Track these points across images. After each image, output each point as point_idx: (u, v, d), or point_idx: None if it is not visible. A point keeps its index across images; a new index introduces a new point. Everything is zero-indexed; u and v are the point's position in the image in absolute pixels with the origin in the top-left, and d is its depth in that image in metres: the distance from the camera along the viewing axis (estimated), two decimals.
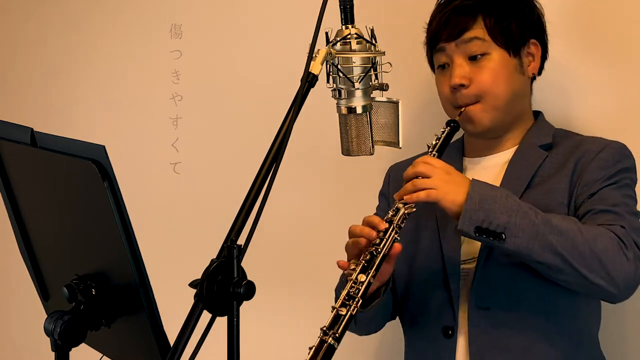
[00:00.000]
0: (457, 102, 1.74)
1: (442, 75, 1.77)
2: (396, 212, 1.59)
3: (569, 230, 1.53)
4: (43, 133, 1.36)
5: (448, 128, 1.70)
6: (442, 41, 1.74)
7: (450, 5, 1.75)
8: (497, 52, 1.72)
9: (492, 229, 1.52)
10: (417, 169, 1.60)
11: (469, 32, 1.72)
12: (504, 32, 1.72)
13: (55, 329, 1.31)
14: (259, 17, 2.45)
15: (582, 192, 1.64)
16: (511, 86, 1.73)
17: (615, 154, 1.68)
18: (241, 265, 1.18)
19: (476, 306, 1.67)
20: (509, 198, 1.56)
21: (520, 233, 1.52)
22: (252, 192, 1.24)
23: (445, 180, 1.57)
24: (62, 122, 2.73)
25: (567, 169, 1.68)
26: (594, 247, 1.52)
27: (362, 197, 2.00)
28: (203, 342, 1.16)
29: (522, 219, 1.53)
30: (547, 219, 1.54)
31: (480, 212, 1.53)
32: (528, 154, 1.74)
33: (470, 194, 1.54)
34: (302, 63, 1.33)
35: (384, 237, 1.57)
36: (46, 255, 1.52)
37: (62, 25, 2.78)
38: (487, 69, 1.71)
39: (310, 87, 1.33)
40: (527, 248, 1.53)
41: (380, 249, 1.56)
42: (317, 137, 2.18)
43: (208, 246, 1.33)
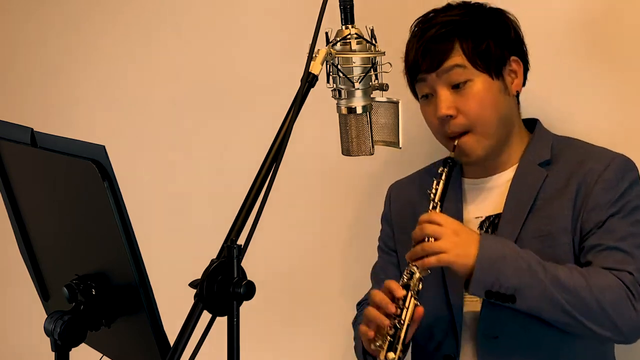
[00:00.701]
0: (446, 133, 1.71)
1: (427, 105, 1.75)
2: (411, 276, 1.59)
3: (577, 287, 1.54)
4: (43, 133, 1.36)
5: (446, 169, 1.68)
6: (423, 72, 1.71)
7: (426, 34, 1.71)
8: (479, 77, 1.69)
9: (502, 292, 1.54)
10: (426, 231, 1.59)
11: (448, 61, 1.68)
12: (483, 56, 1.69)
13: (55, 329, 1.31)
14: (259, 17, 2.45)
15: (589, 218, 1.63)
16: (498, 110, 1.71)
17: (618, 171, 1.66)
18: (241, 265, 1.18)
19: (484, 335, 1.66)
20: (519, 257, 1.56)
21: (530, 294, 1.54)
22: (252, 192, 1.24)
23: (455, 243, 1.57)
24: (62, 122, 2.73)
25: (570, 191, 1.66)
26: (603, 301, 1.53)
27: (362, 197, 2.00)
28: (203, 342, 1.16)
29: (531, 280, 1.54)
30: (555, 276, 1.55)
31: (490, 276, 1.54)
32: (527, 175, 1.72)
33: (480, 258, 1.55)
34: (302, 63, 1.33)
35: (404, 305, 1.57)
36: (46, 255, 1.52)
37: (62, 25, 2.78)
38: (471, 97, 1.68)
39: (310, 87, 1.33)
40: (537, 308, 1.56)
41: (403, 321, 1.56)
42: (317, 137, 2.18)
43: (208, 246, 1.33)
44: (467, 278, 1.57)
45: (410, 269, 1.60)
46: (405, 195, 1.91)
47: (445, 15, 1.72)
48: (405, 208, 1.88)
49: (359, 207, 2.04)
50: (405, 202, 1.89)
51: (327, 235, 2.34)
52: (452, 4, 1.78)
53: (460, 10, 1.74)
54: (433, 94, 1.72)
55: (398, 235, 1.89)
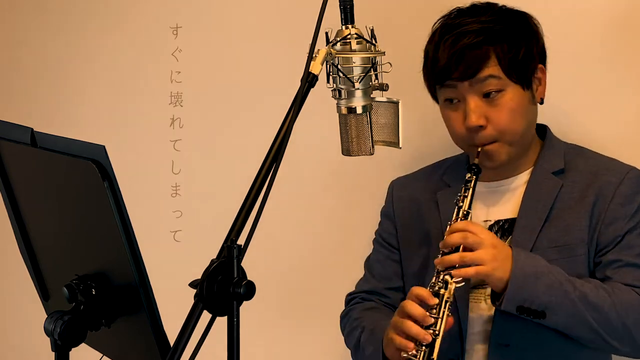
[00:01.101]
0: (474, 142, 1.69)
1: (452, 111, 1.71)
2: (445, 286, 1.56)
3: (604, 306, 1.56)
4: (43, 133, 1.36)
5: (474, 177, 1.65)
6: (454, 79, 1.67)
7: (459, 41, 1.66)
8: (512, 88, 1.67)
9: (533, 309, 1.55)
10: (466, 240, 1.56)
11: (483, 71, 1.65)
12: (517, 68, 1.67)
13: (55, 329, 1.31)
14: (259, 17, 2.45)
15: (607, 231, 1.65)
16: (526, 120, 1.70)
17: (633, 185, 1.67)
18: (241, 265, 1.18)
19: (497, 343, 1.66)
20: (550, 274, 1.57)
21: (559, 311, 1.56)
22: (252, 192, 1.24)
23: (493, 255, 1.55)
24: (62, 122, 2.73)
25: (587, 203, 1.67)
26: (627, 320, 1.56)
27: (362, 197, 2.00)
28: (203, 342, 1.16)
29: (562, 298, 1.55)
30: (584, 294, 1.56)
31: (523, 292, 1.54)
32: (542, 183, 1.72)
33: (514, 272, 1.55)
34: (302, 63, 1.33)
35: (438, 315, 1.55)
36: (46, 255, 1.52)
37: (63, 26, 2.78)
38: (503, 108, 1.66)
39: (310, 87, 1.33)
40: (565, 325, 1.57)
41: (438, 332, 1.54)
42: (317, 137, 2.18)
43: (208, 246, 1.33)
44: (499, 292, 1.57)
45: (444, 278, 1.57)
46: (409, 193, 1.89)
47: (477, 22, 1.67)
48: (409, 206, 1.87)
49: (359, 207, 2.04)
50: (408, 200, 1.88)
51: (327, 235, 2.33)
52: (478, 5, 1.74)
53: (491, 16, 1.69)
54: (460, 100, 1.69)
55: (401, 232, 1.88)
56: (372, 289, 1.89)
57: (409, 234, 1.83)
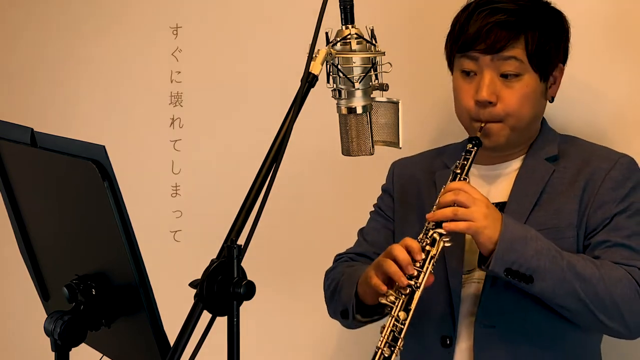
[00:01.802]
0: (479, 117, 1.70)
1: (466, 83, 1.72)
2: (433, 243, 1.58)
3: (592, 278, 1.55)
4: (43, 133, 1.36)
5: (475, 148, 1.67)
6: (477, 51, 1.68)
7: (493, 16, 1.67)
8: (530, 75, 1.68)
9: (522, 272, 1.54)
10: (459, 197, 1.57)
11: (508, 51, 1.66)
12: (541, 57, 1.68)
13: (55, 329, 1.31)
14: (259, 18, 2.45)
15: (595, 215, 1.65)
16: (535, 110, 1.72)
17: (625, 171, 1.68)
18: (241, 265, 1.18)
19: (482, 324, 1.67)
20: (538, 240, 1.57)
21: (547, 277, 1.54)
22: (252, 192, 1.24)
23: (485, 214, 1.56)
24: (62, 122, 2.73)
25: (577, 187, 1.68)
26: (614, 294, 1.55)
27: (362, 197, 2.00)
28: (203, 342, 1.16)
29: (550, 264, 1.55)
30: (572, 263, 1.56)
31: (512, 253, 1.54)
32: (535, 168, 1.73)
33: (503, 234, 1.55)
34: (302, 63, 1.33)
35: (422, 269, 1.56)
36: (46, 255, 1.52)
37: (63, 26, 2.78)
38: (517, 92, 1.68)
39: (310, 87, 1.33)
40: (553, 292, 1.56)
41: (419, 284, 1.55)
42: (317, 137, 2.18)
43: (208, 246, 1.33)
44: (487, 254, 1.57)
45: (432, 235, 1.58)
46: (409, 172, 1.91)
47: (515, 3, 1.68)
48: (409, 184, 1.89)
49: (359, 206, 2.04)
50: (408, 179, 1.89)
51: (327, 235, 2.33)
52: None
53: (530, 2, 1.70)
54: (477, 73, 1.70)
55: (398, 207, 1.89)
56: (362, 252, 1.91)
57: (405, 210, 1.85)
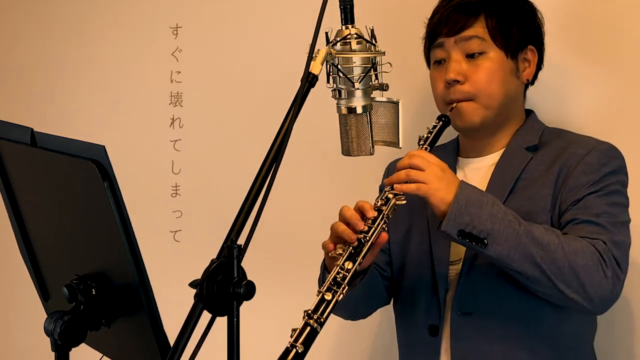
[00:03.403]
0: (449, 97, 1.73)
1: (438, 71, 1.77)
2: (386, 202, 1.59)
3: (550, 244, 1.53)
4: (43, 133, 1.36)
5: (440, 122, 1.71)
6: (441, 36, 1.74)
7: (453, 1, 1.75)
8: (495, 52, 1.72)
9: (475, 234, 1.53)
10: (413, 160, 1.59)
11: (469, 30, 1.72)
12: (504, 33, 1.72)
13: (55, 329, 1.31)
14: (259, 17, 2.45)
15: (567, 198, 1.64)
16: (505, 87, 1.73)
17: (601, 156, 1.66)
18: (241, 265, 1.18)
19: (459, 311, 1.68)
20: (495, 205, 1.56)
21: (502, 241, 1.53)
22: (252, 192, 1.24)
23: (439, 177, 1.57)
24: (62, 122, 2.73)
25: (552, 173, 1.68)
26: (573, 262, 1.52)
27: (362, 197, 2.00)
28: (203, 342, 1.16)
29: (505, 227, 1.53)
30: (529, 230, 1.55)
31: (465, 215, 1.54)
32: (513, 156, 1.75)
33: (458, 196, 1.54)
34: (302, 63, 1.33)
35: (373, 225, 1.57)
36: (46, 255, 1.52)
37: (63, 26, 2.78)
38: (483, 68, 1.72)
39: (310, 87, 1.33)
40: (508, 256, 1.54)
41: (368, 238, 1.56)
42: (317, 137, 2.18)
43: (208, 246, 1.33)
44: (441, 217, 1.56)
45: (387, 195, 1.60)
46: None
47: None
48: None
49: None
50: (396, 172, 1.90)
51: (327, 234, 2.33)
52: None
53: None
54: (446, 59, 1.75)
55: None
56: None
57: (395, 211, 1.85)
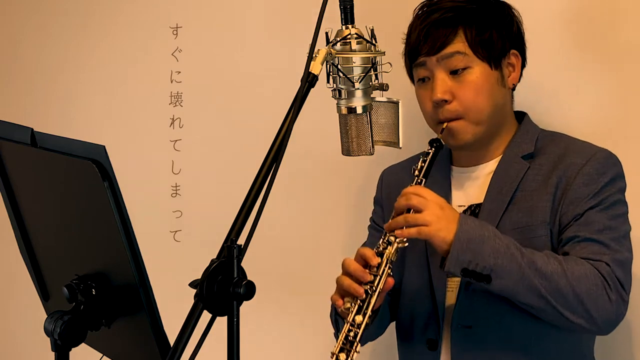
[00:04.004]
0: (438, 117, 1.71)
1: (423, 89, 1.74)
2: (387, 246, 1.58)
3: (553, 273, 1.54)
4: (43, 133, 1.36)
5: (432, 149, 1.68)
6: (422, 55, 1.71)
7: (429, 18, 1.71)
8: (478, 65, 1.69)
9: (478, 271, 1.54)
10: (410, 202, 1.58)
11: (450, 47, 1.68)
12: (485, 45, 1.70)
13: (55, 329, 1.31)
14: (259, 18, 2.45)
15: (567, 211, 1.64)
16: (493, 100, 1.71)
17: (599, 166, 1.65)
18: (241, 265, 1.18)
19: (459, 324, 1.67)
20: (497, 238, 1.56)
21: (506, 275, 1.53)
22: (252, 192, 1.24)
23: (438, 216, 1.56)
24: (62, 122, 2.73)
25: (551, 184, 1.67)
26: (578, 289, 1.53)
27: (361, 197, 2.01)
28: (203, 342, 1.16)
29: (508, 262, 1.53)
30: (532, 260, 1.54)
31: (467, 253, 1.53)
32: (510, 166, 1.73)
33: (459, 234, 1.54)
34: (302, 63, 1.33)
35: (377, 272, 1.56)
36: (46, 255, 1.52)
37: (63, 26, 2.78)
38: (469, 84, 1.69)
39: (310, 87, 1.33)
40: (512, 290, 1.55)
41: (375, 287, 1.56)
42: (317, 137, 2.18)
43: (208, 246, 1.33)
44: (444, 255, 1.56)
45: (388, 238, 1.59)
46: (396, 180, 1.91)
47: (451, 1, 1.71)
48: (394, 191, 1.86)
49: (359, 207, 2.04)
50: (395, 187, 1.87)
51: (326, 235, 2.34)
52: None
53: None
54: (430, 77, 1.72)
55: (387, 216, 1.85)
56: None
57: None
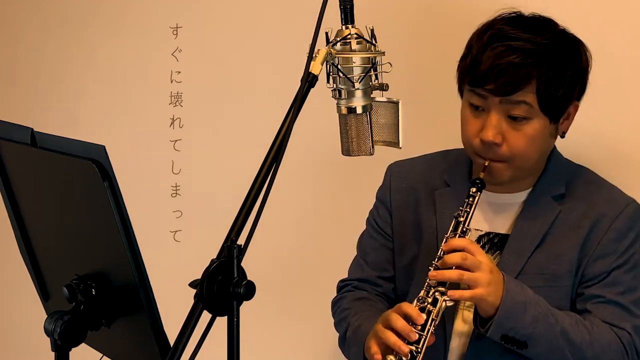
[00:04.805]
0: (483, 154, 1.64)
1: (473, 116, 1.65)
2: (434, 303, 1.54)
3: (582, 344, 1.57)
4: (43, 133, 1.36)
5: (479, 193, 1.62)
6: (487, 91, 1.60)
7: (506, 55, 1.58)
8: (539, 120, 1.61)
9: (517, 338, 1.55)
10: (466, 263, 1.53)
11: (518, 95, 1.58)
12: (553, 102, 1.60)
13: (55, 329, 1.31)
14: (259, 17, 2.45)
15: (594, 266, 1.64)
16: (542, 150, 1.67)
17: (629, 221, 1.65)
18: (241, 265, 1.18)
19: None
20: (537, 305, 1.56)
21: (541, 344, 1.56)
22: (252, 192, 1.24)
23: (489, 281, 1.53)
24: (62, 122, 2.73)
25: (580, 233, 1.65)
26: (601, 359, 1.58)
27: (362, 198, 2.00)
28: (203, 342, 1.16)
29: (546, 331, 1.55)
30: (565, 330, 1.56)
31: (510, 321, 1.54)
32: (540, 207, 1.68)
33: (505, 301, 1.53)
34: (302, 63, 1.33)
35: (422, 332, 1.52)
36: (46, 255, 1.52)
37: (63, 26, 2.78)
38: (525, 135, 1.61)
39: (310, 87, 1.33)
40: (544, 357, 1.57)
41: (420, 349, 1.52)
42: (317, 137, 2.18)
43: (208, 246, 1.33)
44: (486, 317, 1.56)
45: (435, 295, 1.54)
46: (407, 185, 1.85)
47: (530, 42, 1.58)
48: (407, 199, 1.83)
49: (359, 207, 2.04)
50: (406, 193, 1.84)
51: (326, 235, 2.34)
52: (538, 20, 1.65)
53: (547, 40, 1.59)
54: (485, 109, 1.63)
55: (397, 224, 1.84)
56: (365, 277, 1.86)
57: (403, 227, 1.81)
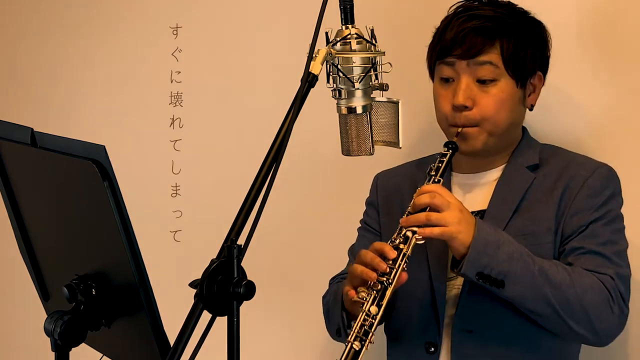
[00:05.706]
0: (455, 122, 1.71)
1: (444, 89, 1.74)
2: (405, 241, 1.58)
3: (562, 283, 1.56)
4: (43, 133, 1.36)
5: (450, 151, 1.69)
6: (454, 56, 1.70)
7: (469, 22, 1.70)
8: (506, 81, 1.70)
9: (493, 276, 1.55)
10: (434, 200, 1.57)
11: (484, 55, 1.68)
12: (517, 62, 1.70)
13: (55, 329, 1.31)
14: (259, 18, 2.45)
15: (571, 221, 1.66)
16: (512, 116, 1.73)
17: (603, 180, 1.69)
18: (241, 265, 1.18)
19: (460, 329, 1.68)
20: (511, 244, 1.58)
21: (518, 282, 1.56)
22: (252, 192, 1.24)
23: (459, 219, 1.56)
24: (62, 121, 2.73)
25: (555, 195, 1.69)
26: (584, 301, 1.56)
27: (362, 198, 2.00)
28: (203, 342, 1.16)
29: (522, 269, 1.56)
30: (543, 269, 1.57)
31: (484, 257, 1.55)
32: (515, 176, 1.75)
33: (476, 238, 1.55)
34: (302, 63, 1.33)
35: (394, 266, 1.56)
36: (46, 255, 1.52)
37: (63, 26, 2.78)
38: (493, 96, 1.69)
39: (310, 87, 1.33)
40: (523, 297, 1.57)
41: (391, 280, 1.55)
42: (317, 137, 2.18)
43: (208, 246, 1.33)
44: (459, 258, 1.57)
45: (405, 234, 1.58)
46: (393, 183, 1.91)
47: (493, 11, 1.72)
48: (392, 195, 1.89)
49: (358, 206, 2.04)
50: (392, 189, 1.90)
51: (326, 235, 2.34)
52: (498, 1, 1.77)
53: (507, 10, 1.73)
54: (455, 79, 1.72)
55: (383, 218, 1.89)
56: None
57: (390, 220, 1.85)
